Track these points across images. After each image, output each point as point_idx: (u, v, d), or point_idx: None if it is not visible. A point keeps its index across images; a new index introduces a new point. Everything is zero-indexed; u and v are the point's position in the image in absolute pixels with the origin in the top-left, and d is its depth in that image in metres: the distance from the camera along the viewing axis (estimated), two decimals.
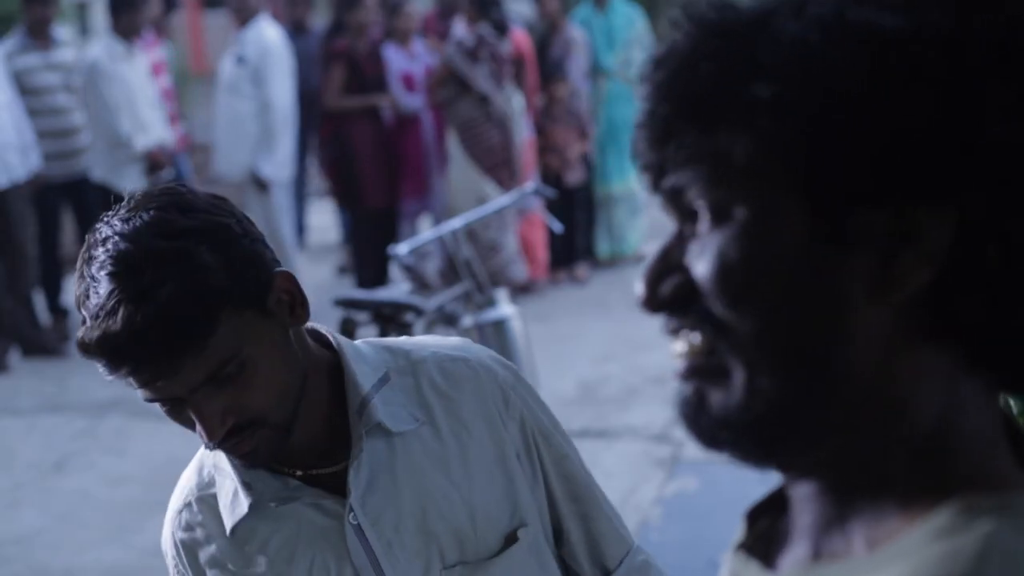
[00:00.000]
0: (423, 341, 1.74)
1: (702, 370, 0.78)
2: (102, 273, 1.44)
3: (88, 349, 1.44)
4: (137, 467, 5.80)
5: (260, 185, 7.82)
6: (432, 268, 7.27)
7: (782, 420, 0.76)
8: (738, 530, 0.88)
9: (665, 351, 0.81)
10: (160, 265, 1.42)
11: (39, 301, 7.77)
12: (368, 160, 8.10)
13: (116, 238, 1.45)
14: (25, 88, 7.50)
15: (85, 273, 1.48)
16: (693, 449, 5.74)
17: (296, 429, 1.55)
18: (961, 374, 0.76)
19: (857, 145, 0.73)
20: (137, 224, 1.45)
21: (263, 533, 1.61)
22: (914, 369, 0.76)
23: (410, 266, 5.76)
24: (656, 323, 0.81)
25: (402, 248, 5.46)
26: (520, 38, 8.22)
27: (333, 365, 1.62)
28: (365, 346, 1.68)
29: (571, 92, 8.41)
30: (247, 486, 1.60)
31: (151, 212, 1.46)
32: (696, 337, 0.78)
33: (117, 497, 5.49)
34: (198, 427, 1.49)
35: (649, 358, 6.57)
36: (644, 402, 6.12)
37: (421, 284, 6.37)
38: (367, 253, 8.15)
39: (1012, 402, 1.31)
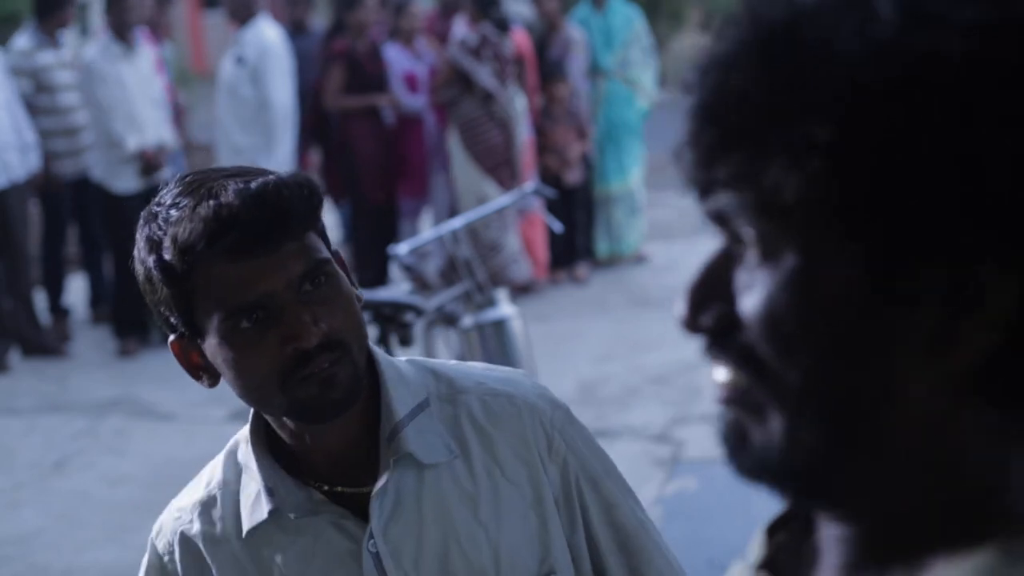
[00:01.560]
0: (471, 369, 1.66)
1: (742, 404, 0.75)
2: (184, 196, 1.43)
3: (182, 233, 1.41)
4: (137, 467, 5.80)
5: None
6: (432, 268, 7.27)
7: (822, 472, 0.73)
8: (756, 544, 0.85)
9: (665, 351, 0.80)
10: (256, 173, 1.46)
11: (40, 301, 7.77)
12: (368, 159, 8.10)
13: (189, 177, 1.47)
14: (42, 86, 7.54)
15: (156, 212, 1.45)
16: (693, 449, 5.74)
17: (361, 395, 1.50)
18: (1015, 426, 0.72)
19: (918, 195, 0.67)
20: (211, 169, 1.50)
21: (279, 542, 1.57)
22: (966, 431, 0.72)
23: (410, 266, 5.75)
24: (656, 323, 0.79)
25: (402, 248, 5.45)
26: (520, 38, 8.22)
27: (372, 381, 1.55)
28: (408, 367, 1.61)
29: (570, 92, 8.42)
30: (270, 492, 1.54)
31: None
32: (739, 375, 0.74)
33: (117, 497, 5.49)
34: (294, 339, 1.43)
35: (649, 358, 6.57)
36: (644, 402, 6.12)
37: (421, 284, 6.37)
38: (367, 253, 8.15)
39: None
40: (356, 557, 1.54)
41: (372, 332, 4.10)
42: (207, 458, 1.70)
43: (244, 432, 1.60)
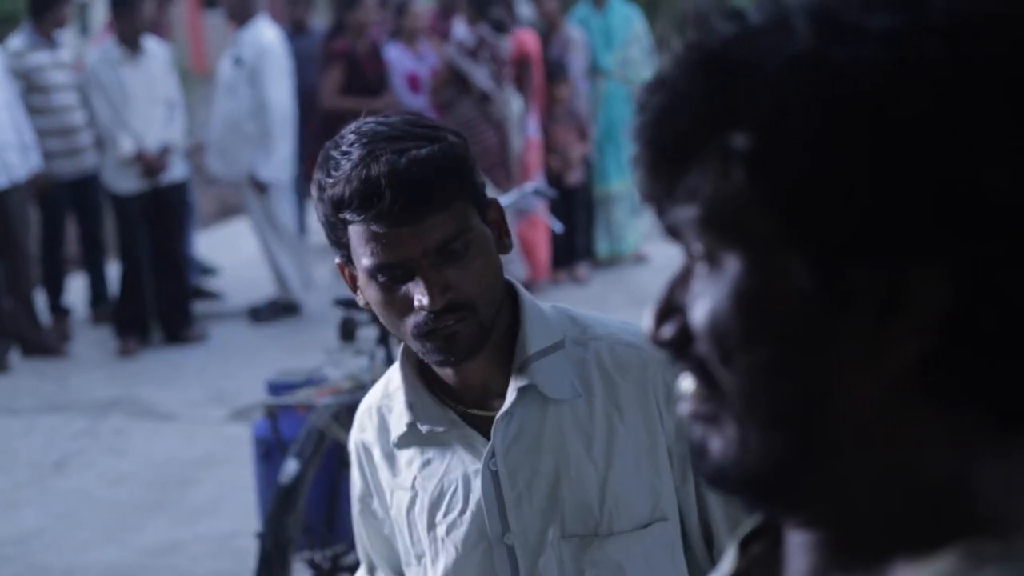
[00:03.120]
0: (608, 320, 1.79)
1: (702, 416, 0.76)
2: (355, 147, 1.58)
3: (338, 193, 1.58)
4: (137, 467, 5.80)
5: (258, 187, 7.82)
6: None
7: (775, 478, 0.74)
8: (729, 557, 0.85)
9: None
10: (418, 137, 1.60)
11: (40, 300, 7.77)
12: None
13: (367, 127, 1.62)
14: (34, 86, 7.52)
15: (332, 156, 1.61)
16: None
17: (487, 344, 1.66)
18: (974, 427, 0.72)
19: (840, 201, 0.68)
20: (387, 120, 1.64)
21: (416, 450, 1.76)
22: (920, 433, 0.72)
23: None
24: None
25: None
26: (527, 38, 8.20)
27: (514, 319, 1.72)
28: (551, 311, 1.76)
29: (571, 92, 8.41)
30: (411, 407, 1.73)
31: (398, 117, 1.66)
32: (697, 387, 0.76)
33: (117, 497, 5.49)
34: (419, 300, 1.59)
35: None
36: None
37: None
38: None
39: None
40: (478, 473, 1.71)
41: (372, 333, 4.09)
42: (207, 458, 1.74)
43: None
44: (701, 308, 0.74)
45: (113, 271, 8.07)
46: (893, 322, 0.69)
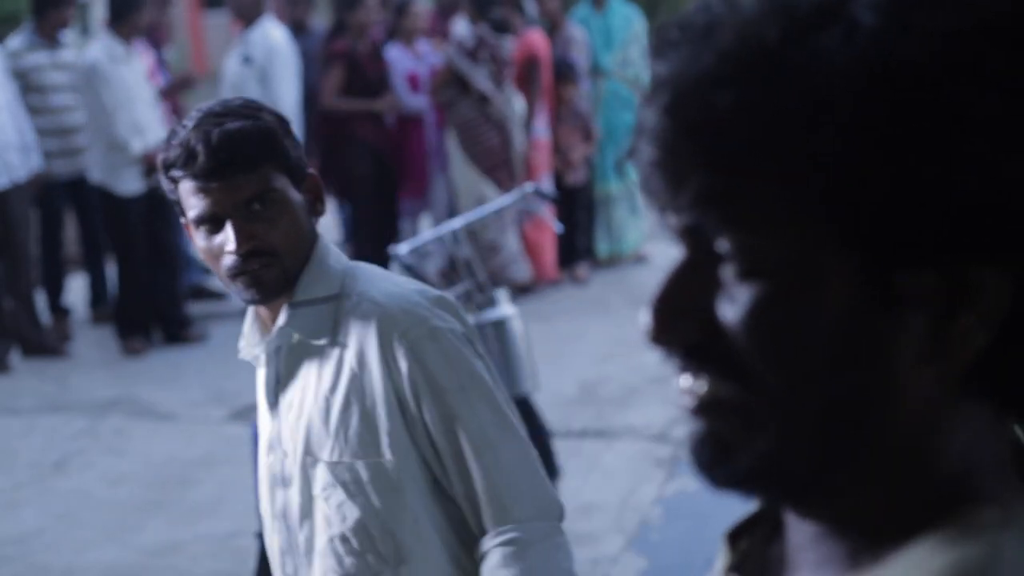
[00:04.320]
0: (381, 281, 2.07)
1: (725, 414, 0.74)
2: (189, 121, 1.97)
3: (169, 156, 1.96)
4: (137, 467, 5.80)
5: None
6: (432, 268, 7.27)
7: (813, 476, 0.73)
8: (721, 552, 0.85)
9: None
10: (236, 115, 1.97)
11: (40, 301, 7.76)
12: (368, 159, 8.09)
13: (206, 107, 1.99)
14: (32, 86, 7.51)
15: (173, 130, 1.98)
16: None
17: (288, 289, 2.00)
18: (991, 416, 0.74)
19: (912, 201, 0.67)
20: (224, 102, 2.02)
21: (261, 373, 2.13)
22: (951, 421, 0.73)
23: (410, 266, 5.76)
24: None
25: (402, 248, 5.45)
26: (537, 38, 8.19)
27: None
28: (342, 268, 2.06)
29: (577, 93, 8.40)
30: (242, 337, 2.13)
31: (237, 101, 2.04)
32: (721, 386, 0.73)
33: (117, 497, 5.49)
34: (227, 245, 1.94)
35: (649, 358, 6.57)
36: (644, 402, 6.12)
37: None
38: (367, 252, 8.15)
39: None
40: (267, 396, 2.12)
41: None
42: (207, 458, 1.77)
43: None
44: (741, 309, 0.71)
45: (113, 271, 8.07)
46: (963, 318, 0.69)
